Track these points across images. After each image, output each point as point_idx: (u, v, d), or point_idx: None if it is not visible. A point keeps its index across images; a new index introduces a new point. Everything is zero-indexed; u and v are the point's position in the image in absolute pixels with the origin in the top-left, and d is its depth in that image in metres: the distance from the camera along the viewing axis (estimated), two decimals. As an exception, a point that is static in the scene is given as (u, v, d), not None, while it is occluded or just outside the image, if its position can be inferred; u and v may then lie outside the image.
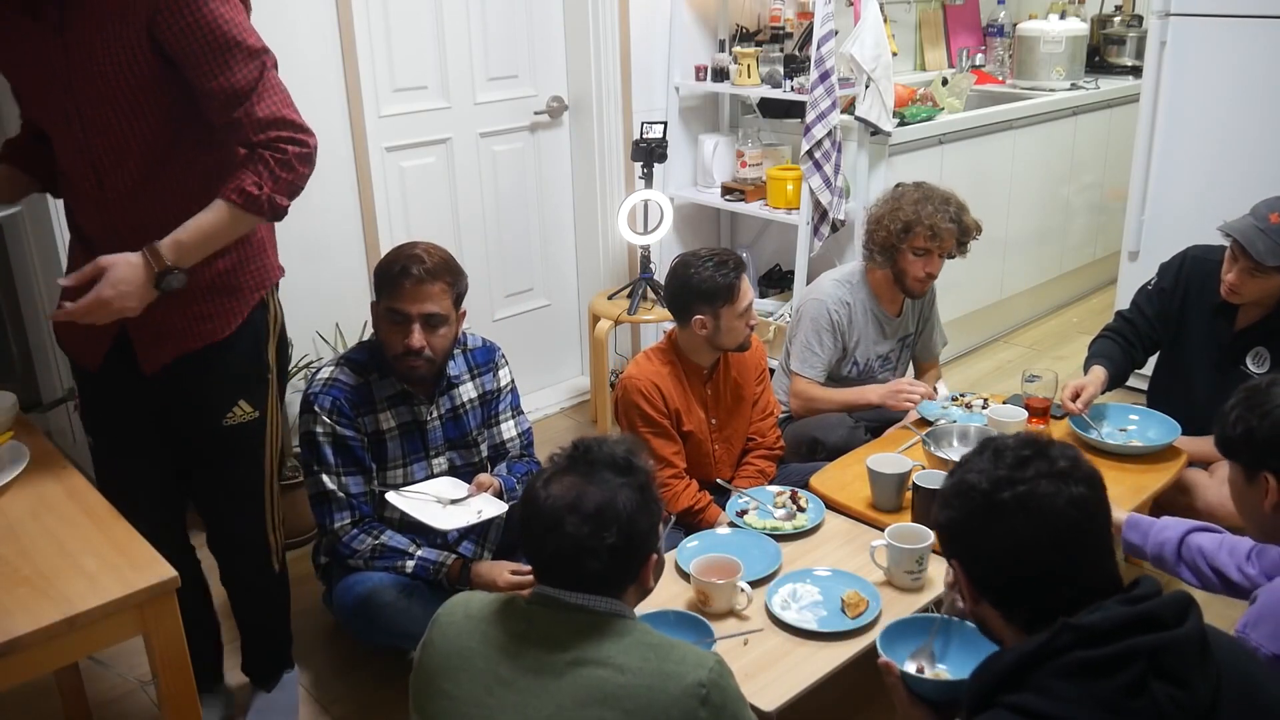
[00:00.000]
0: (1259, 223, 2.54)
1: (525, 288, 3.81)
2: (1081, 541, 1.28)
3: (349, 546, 2.31)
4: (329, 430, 2.29)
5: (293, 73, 2.92)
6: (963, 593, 1.38)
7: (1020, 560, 1.29)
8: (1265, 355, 2.72)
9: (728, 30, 3.84)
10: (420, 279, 2.21)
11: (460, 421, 2.46)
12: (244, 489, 2.14)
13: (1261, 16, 3.31)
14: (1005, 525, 1.29)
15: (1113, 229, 4.46)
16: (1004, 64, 4.86)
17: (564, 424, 3.78)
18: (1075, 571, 1.27)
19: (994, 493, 1.29)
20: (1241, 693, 1.24)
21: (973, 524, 1.32)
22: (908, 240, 2.78)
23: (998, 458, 1.32)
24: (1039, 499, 1.27)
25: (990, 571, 1.33)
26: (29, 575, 1.56)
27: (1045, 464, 1.29)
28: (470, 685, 1.43)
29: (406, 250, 2.27)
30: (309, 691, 2.44)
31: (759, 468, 2.72)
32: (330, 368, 2.36)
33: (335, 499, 2.31)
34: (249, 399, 2.05)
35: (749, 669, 1.85)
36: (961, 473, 1.35)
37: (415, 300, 2.22)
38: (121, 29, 1.71)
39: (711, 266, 2.49)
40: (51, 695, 2.28)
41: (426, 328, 2.24)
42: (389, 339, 2.27)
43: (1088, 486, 1.29)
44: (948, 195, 2.83)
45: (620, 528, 1.43)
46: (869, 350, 2.95)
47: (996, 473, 1.30)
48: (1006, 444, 1.34)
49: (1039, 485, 1.28)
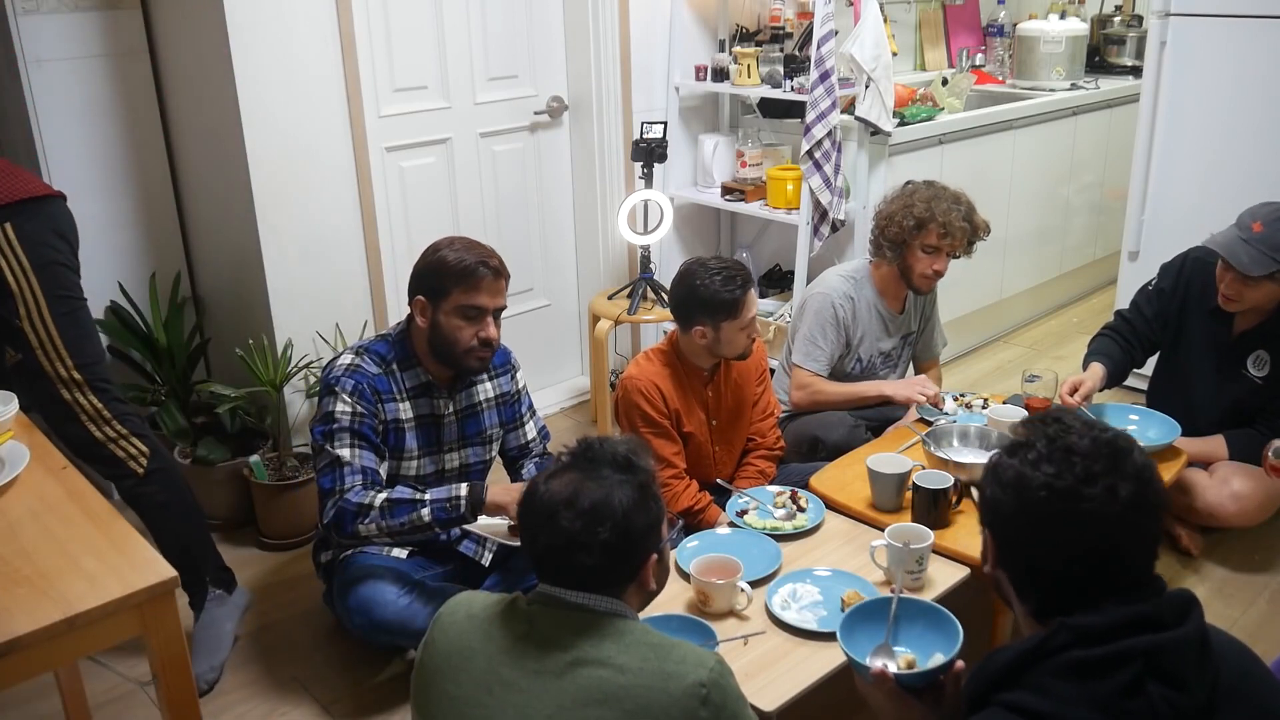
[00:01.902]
0: (1242, 233, 2.54)
1: (525, 288, 3.80)
2: (1119, 562, 1.24)
3: (357, 502, 2.22)
4: (350, 409, 2.29)
5: (293, 73, 2.95)
6: (985, 554, 1.36)
7: (1050, 566, 1.27)
8: (1266, 359, 2.72)
9: (728, 30, 3.84)
10: (497, 273, 2.32)
11: (477, 419, 2.48)
12: (53, 416, 2.28)
13: (1261, 16, 3.31)
14: (1052, 531, 1.25)
15: (1113, 229, 4.46)
16: (1004, 64, 4.86)
17: (564, 424, 3.78)
18: (1101, 583, 1.25)
19: (1051, 499, 1.24)
20: (1241, 694, 1.24)
21: (1021, 519, 1.27)
22: (919, 237, 2.78)
23: (1066, 461, 1.24)
24: (1093, 520, 1.22)
25: (1020, 556, 1.30)
26: (29, 575, 1.56)
27: (1113, 482, 1.22)
28: (471, 685, 1.43)
29: (459, 246, 2.33)
30: (309, 692, 2.45)
31: (759, 468, 2.72)
32: (350, 355, 2.37)
33: (348, 464, 2.27)
34: (13, 344, 2.21)
35: (749, 669, 1.85)
36: (1023, 458, 1.28)
37: (492, 295, 2.32)
38: None
39: (719, 281, 2.48)
40: (51, 695, 2.28)
41: (495, 320, 2.34)
42: (458, 334, 2.30)
43: (1146, 514, 1.24)
44: (958, 194, 2.84)
45: (615, 524, 1.43)
46: (872, 346, 2.95)
47: (1060, 481, 1.23)
48: (1080, 446, 1.25)
49: (1099, 505, 1.22)
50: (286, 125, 2.95)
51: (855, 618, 1.70)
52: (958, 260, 2.90)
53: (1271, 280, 2.55)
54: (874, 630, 1.67)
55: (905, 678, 1.48)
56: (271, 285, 3.03)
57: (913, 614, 1.71)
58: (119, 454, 2.33)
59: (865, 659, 1.58)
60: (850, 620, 1.69)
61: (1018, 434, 1.35)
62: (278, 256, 3.03)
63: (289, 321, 3.09)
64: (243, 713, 2.38)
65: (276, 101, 2.92)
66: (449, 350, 2.33)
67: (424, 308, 2.33)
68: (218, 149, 2.98)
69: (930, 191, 2.82)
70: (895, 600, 1.68)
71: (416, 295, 2.33)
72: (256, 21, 2.84)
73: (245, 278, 3.09)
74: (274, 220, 2.99)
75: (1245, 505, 2.74)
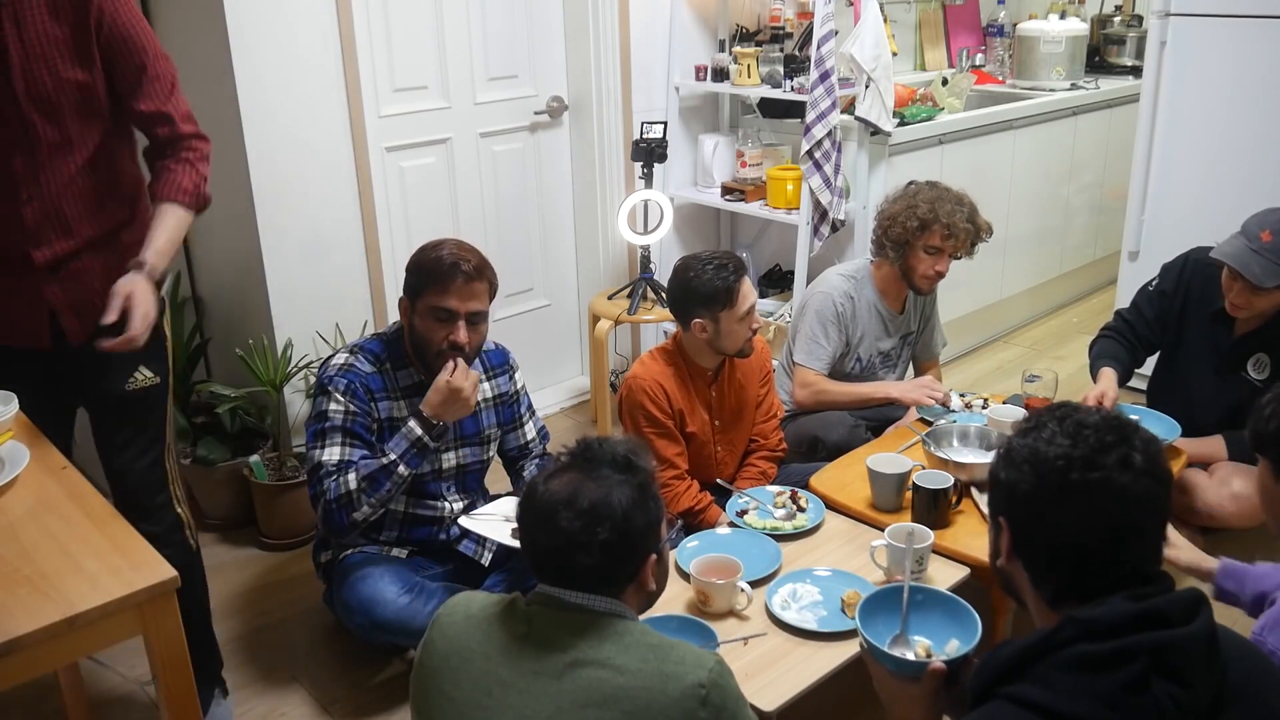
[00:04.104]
0: (1251, 243, 2.51)
1: (525, 288, 3.80)
2: (1138, 535, 1.26)
3: (337, 495, 2.24)
4: (343, 408, 2.30)
5: (293, 73, 2.95)
6: (1000, 546, 1.36)
7: (1070, 540, 1.27)
8: (1266, 362, 2.71)
9: (728, 30, 3.84)
10: (470, 277, 2.27)
11: (474, 418, 2.48)
12: (149, 455, 2.16)
13: (1261, 16, 3.31)
14: (1069, 505, 1.26)
15: (1113, 229, 4.46)
16: (1004, 64, 4.86)
17: (564, 424, 3.78)
18: (1118, 562, 1.26)
19: (1068, 470, 1.26)
20: (1249, 693, 1.24)
21: (1038, 495, 1.28)
22: (923, 238, 2.78)
23: (1078, 434, 1.28)
24: (1111, 488, 1.24)
25: (1035, 540, 1.31)
26: (29, 575, 1.56)
27: (1126, 451, 1.25)
28: (470, 686, 1.43)
29: (445, 248, 2.31)
30: (309, 692, 2.45)
31: (761, 469, 2.72)
32: (345, 354, 2.38)
33: (323, 465, 2.27)
34: (148, 365, 2.10)
35: (749, 669, 1.85)
36: (1036, 436, 1.30)
37: (463, 298, 2.27)
38: None
39: (711, 270, 2.48)
40: (52, 695, 2.28)
41: (469, 325, 2.30)
42: (430, 335, 2.30)
43: (1159, 483, 1.26)
44: (960, 195, 2.84)
45: (614, 524, 1.43)
46: (872, 346, 2.95)
47: (1075, 451, 1.26)
48: (1091, 420, 1.29)
49: (1114, 475, 1.24)
50: (286, 125, 2.95)
51: (867, 610, 1.68)
52: (959, 261, 2.90)
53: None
54: (887, 622, 1.66)
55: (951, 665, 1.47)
56: (271, 285, 3.03)
57: (924, 603, 1.70)
58: (181, 513, 2.20)
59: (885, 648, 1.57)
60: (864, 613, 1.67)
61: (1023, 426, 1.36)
62: (278, 256, 3.03)
63: (289, 321, 3.09)
64: (243, 713, 2.38)
65: (276, 101, 2.92)
66: (423, 352, 2.33)
67: (405, 307, 2.35)
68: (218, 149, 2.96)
69: (934, 192, 2.82)
70: (906, 588, 1.67)
71: (401, 297, 2.36)
72: (256, 21, 2.84)
73: (245, 278, 3.09)
74: (274, 220, 3.00)
75: (1244, 506, 2.73)
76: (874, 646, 1.54)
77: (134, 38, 1.92)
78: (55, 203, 1.94)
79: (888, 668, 1.52)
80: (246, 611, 2.73)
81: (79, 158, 1.94)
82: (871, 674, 1.56)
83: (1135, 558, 1.26)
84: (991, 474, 1.37)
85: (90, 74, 1.90)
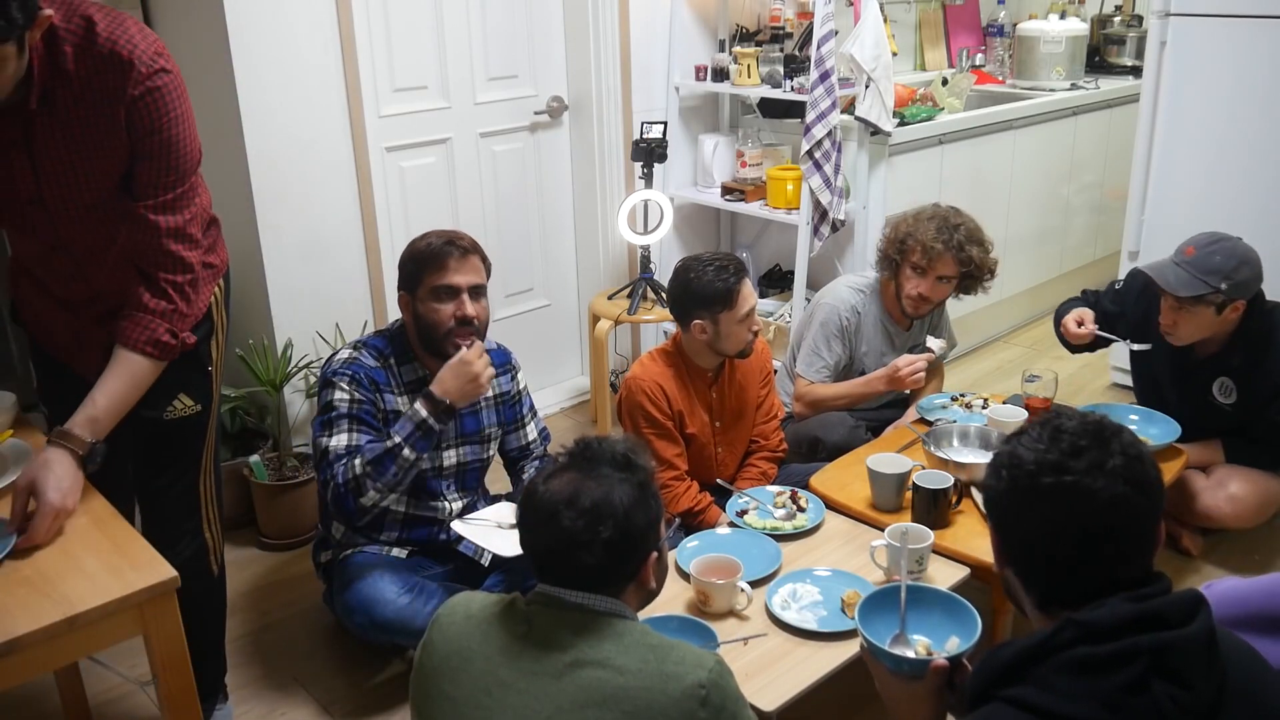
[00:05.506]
0: (1175, 257, 2.56)
1: (525, 288, 3.80)
2: (1111, 540, 1.25)
3: (345, 480, 2.23)
4: (348, 396, 2.30)
5: (293, 73, 2.95)
6: (995, 553, 1.37)
7: (1046, 544, 1.28)
8: (1231, 387, 2.71)
9: (728, 30, 3.84)
10: (465, 251, 2.33)
11: (475, 417, 2.48)
12: (182, 482, 2.11)
13: (1261, 16, 3.31)
14: (1039, 509, 1.27)
15: (1113, 229, 4.46)
16: (1004, 64, 4.86)
17: (564, 424, 3.78)
18: (1097, 566, 1.25)
19: (1038, 474, 1.26)
20: (1247, 694, 1.24)
21: (1010, 499, 1.30)
22: (905, 256, 2.79)
23: (1055, 438, 1.28)
24: (1079, 493, 1.24)
25: (1016, 544, 1.32)
26: (29, 575, 1.56)
27: (1100, 455, 1.25)
28: (469, 686, 1.43)
29: (433, 234, 2.36)
30: (309, 692, 2.45)
31: (761, 470, 2.72)
32: (348, 350, 2.39)
33: (332, 450, 2.27)
34: (190, 393, 2.04)
35: (749, 669, 1.85)
36: (1017, 442, 1.32)
37: (463, 273, 2.32)
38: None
39: (712, 271, 2.48)
40: (51, 695, 2.28)
41: (473, 298, 2.33)
42: (438, 317, 2.31)
43: (1136, 489, 1.25)
44: (959, 223, 2.79)
45: (616, 523, 1.43)
46: (875, 361, 2.94)
47: (1047, 455, 1.27)
48: (1068, 426, 1.29)
49: (1084, 479, 1.24)
50: (286, 125, 2.95)
51: (867, 609, 1.68)
52: (968, 296, 2.90)
53: (1205, 305, 2.52)
54: (887, 621, 1.66)
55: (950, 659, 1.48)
56: (271, 285, 3.03)
57: (923, 602, 1.70)
58: (208, 538, 2.17)
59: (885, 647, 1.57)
60: (863, 613, 1.67)
61: None
62: (278, 256, 3.03)
63: (289, 321, 3.09)
64: (243, 713, 2.38)
65: (276, 101, 2.92)
66: (432, 337, 2.34)
67: (406, 302, 2.37)
68: (218, 149, 2.98)
69: (933, 212, 2.81)
70: (904, 588, 1.67)
71: (400, 293, 2.37)
72: (256, 21, 2.84)
73: (245, 278, 3.08)
74: (274, 220, 3.00)
75: (1241, 508, 2.74)
76: (874, 646, 1.55)
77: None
78: (106, 285, 1.90)
79: (888, 667, 1.52)
80: (246, 611, 2.73)
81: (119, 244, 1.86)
82: (873, 674, 1.56)
83: (1115, 562, 1.26)
84: (983, 483, 1.38)
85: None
